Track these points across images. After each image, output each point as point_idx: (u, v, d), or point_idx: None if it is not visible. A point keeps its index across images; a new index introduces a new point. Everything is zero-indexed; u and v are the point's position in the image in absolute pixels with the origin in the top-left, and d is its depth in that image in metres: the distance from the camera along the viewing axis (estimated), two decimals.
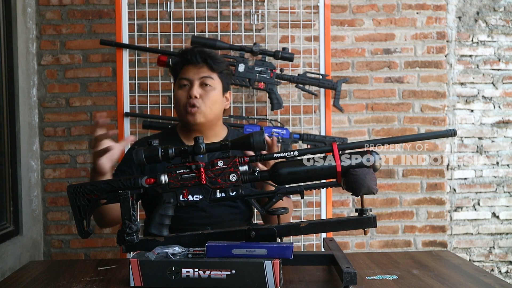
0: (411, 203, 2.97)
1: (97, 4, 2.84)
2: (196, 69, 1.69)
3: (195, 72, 1.68)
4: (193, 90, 1.66)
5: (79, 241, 2.83)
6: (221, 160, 1.28)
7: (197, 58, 1.69)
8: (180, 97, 1.69)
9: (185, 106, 1.67)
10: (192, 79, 1.68)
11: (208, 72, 1.69)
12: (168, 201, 1.31)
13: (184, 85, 1.69)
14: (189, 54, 1.70)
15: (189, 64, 1.70)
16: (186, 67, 1.70)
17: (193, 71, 1.69)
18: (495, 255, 3.02)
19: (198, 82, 1.67)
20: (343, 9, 2.92)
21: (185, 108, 1.67)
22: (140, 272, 1.20)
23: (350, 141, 2.61)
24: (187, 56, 1.70)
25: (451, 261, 1.51)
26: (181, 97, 1.68)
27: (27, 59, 2.70)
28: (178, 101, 1.69)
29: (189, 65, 1.70)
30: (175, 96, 1.71)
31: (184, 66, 1.71)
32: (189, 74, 1.69)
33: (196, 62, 1.69)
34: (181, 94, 1.69)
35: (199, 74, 1.68)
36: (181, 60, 1.73)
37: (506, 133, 3.00)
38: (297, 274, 1.32)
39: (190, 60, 1.69)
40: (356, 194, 1.23)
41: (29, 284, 1.31)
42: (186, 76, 1.69)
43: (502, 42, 2.99)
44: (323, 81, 2.34)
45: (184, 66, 1.71)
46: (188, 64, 1.70)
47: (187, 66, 1.70)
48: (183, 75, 1.70)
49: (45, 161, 2.85)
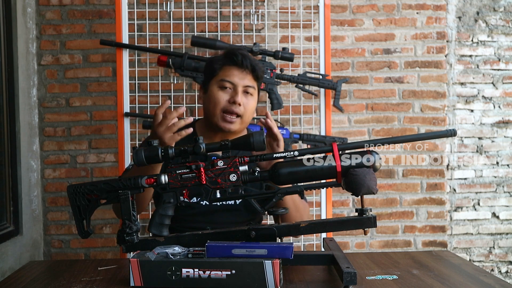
0: (411, 203, 2.97)
1: (97, 4, 2.84)
2: (242, 74, 1.62)
3: (241, 78, 1.62)
4: (238, 97, 1.59)
5: (79, 241, 2.83)
6: (221, 160, 1.28)
7: (247, 63, 1.62)
8: (221, 99, 1.61)
9: (225, 111, 1.61)
10: (236, 84, 1.61)
11: (252, 81, 1.63)
12: (168, 201, 1.31)
13: (226, 87, 1.62)
14: (238, 55, 1.62)
15: (233, 66, 1.63)
16: (230, 68, 1.63)
17: (239, 76, 1.62)
18: (495, 255, 3.02)
19: (242, 89, 1.62)
20: (343, 9, 2.92)
21: (223, 113, 1.61)
22: (140, 272, 1.20)
23: (350, 141, 2.61)
24: (235, 57, 1.62)
25: (451, 261, 1.51)
26: (221, 99, 1.61)
27: (27, 59, 2.70)
28: (216, 102, 1.61)
29: (233, 67, 1.62)
30: (213, 95, 1.62)
31: (226, 66, 1.63)
32: (234, 78, 1.62)
33: (243, 66, 1.62)
34: (222, 96, 1.61)
35: (244, 81, 1.62)
36: (223, 59, 1.65)
37: (506, 133, 3.00)
38: (297, 274, 1.32)
39: (236, 62, 1.62)
40: (356, 194, 1.23)
41: (29, 284, 1.31)
42: (230, 79, 1.62)
43: (502, 42, 2.99)
44: (323, 81, 2.34)
45: (226, 66, 1.63)
46: (232, 65, 1.63)
47: (231, 68, 1.63)
48: (226, 77, 1.62)
49: (45, 161, 2.85)
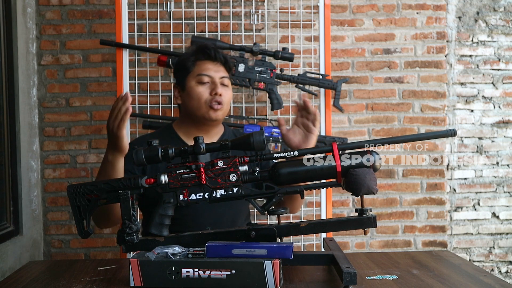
0: (411, 203, 2.97)
1: (97, 4, 2.84)
2: (216, 67, 1.68)
3: (216, 70, 1.68)
4: (218, 88, 1.65)
5: (79, 241, 2.83)
6: (221, 160, 1.28)
7: (219, 56, 1.68)
8: (203, 93, 1.66)
9: (209, 102, 1.65)
10: (213, 77, 1.67)
11: (225, 73, 1.70)
12: (168, 201, 1.30)
13: (204, 81, 1.67)
14: (211, 50, 1.68)
15: (206, 60, 1.68)
16: (203, 63, 1.69)
17: (213, 69, 1.68)
18: (495, 255, 3.02)
19: (219, 81, 1.67)
20: (343, 9, 2.92)
21: (208, 104, 1.65)
22: (140, 272, 1.20)
23: (350, 141, 2.61)
24: (209, 51, 1.68)
25: (451, 261, 1.51)
26: (203, 93, 1.66)
27: (27, 59, 2.70)
28: (199, 97, 1.66)
29: (207, 61, 1.68)
30: (193, 91, 1.67)
31: (199, 62, 1.69)
32: (210, 72, 1.67)
33: (216, 59, 1.68)
34: (203, 90, 1.66)
35: (219, 73, 1.68)
36: (196, 55, 1.70)
37: (506, 133, 3.00)
38: (297, 274, 1.32)
39: (210, 56, 1.68)
40: (356, 194, 1.23)
41: (29, 284, 1.31)
42: (207, 73, 1.67)
43: (502, 42, 2.99)
44: (323, 81, 2.34)
45: (199, 62, 1.69)
46: (205, 60, 1.68)
47: (205, 62, 1.69)
48: (203, 71, 1.68)
49: (45, 161, 2.85)
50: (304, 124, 1.56)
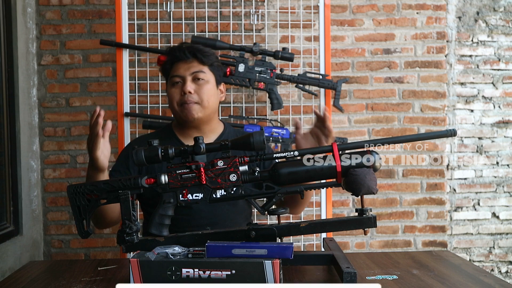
0: (411, 203, 2.97)
1: (97, 4, 2.84)
2: (187, 65, 1.68)
3: (186, 68, 1.67)
4: (186, 86, 1.64)
5: (79, 241, 2.83)
6: (221, 160, 1.28)
7: (186, 54, 1.68)
8: (174, 94, 1.67)
9: (180, 103, 1.66)
10: (184, 75, 1.67)
11: (199, 67, 1.68)
12: (168, 201, 1.31)
13: (176, 82, 1.67)
14: (177, 51, 1.69)
15: (179, 61, 1.69)
16: (176, 64, 1.69)
17: (184, 67, 1.67)
18: (495, 255, 3.02)
19: (190, 78, 1.66)
20: (343, 9, 2.92)
21: (180, 105, 1.66)
22: (140, 272, 1.20)
23: (350, 141, 2.61)
24: (175, 53, 1.69)
25: (451, 261, 1.51)
26: (174, 95, 1.67)
27: (27, 59, 2.70)
28: (171, 99, 1.68)
29: (179, 62, 1.69)
30: (169, 94, 1.70)
31: (174, 64, 1.70)
32: (180, 71, 1.67)
33: (185, 58, 1.68)
34: (174, 91, 1.67)
35: (190, 69, 1.67)
36: (170, 59, 1.71)
37: (506, 133, 3.00)
38: (297, 274, 1.32)
39: (179, 57, 1.68)
40: (356, 194, 1.23)
41: (29, 284, 1.31)
42: (177, 73, 1.67)
43: (502, 42, 2.99)
44: (323, 81, 2.34)
45: (174, 64, 1.70)
46: (177, 61, 1.69)
47: (177, 64, 1.69)
48: (174, 73, 1.68)
49: (45, 161, 2.85)
50: (318, 136, 1.54)
